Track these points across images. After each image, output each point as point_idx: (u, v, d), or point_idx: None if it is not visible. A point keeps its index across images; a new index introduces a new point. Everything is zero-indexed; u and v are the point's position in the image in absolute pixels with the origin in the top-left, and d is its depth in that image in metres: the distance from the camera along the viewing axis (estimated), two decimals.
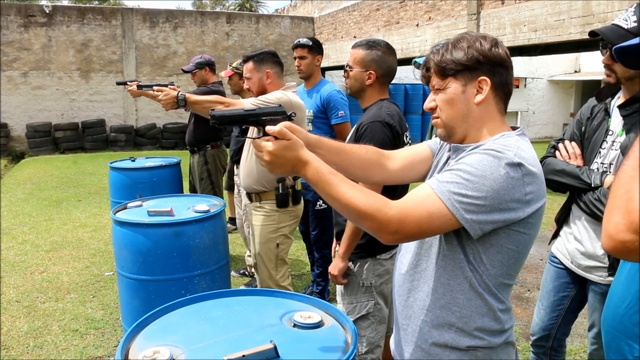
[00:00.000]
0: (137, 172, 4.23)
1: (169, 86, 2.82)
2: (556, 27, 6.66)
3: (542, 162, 1.99)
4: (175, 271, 2.46)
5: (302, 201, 2.97)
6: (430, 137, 5.16)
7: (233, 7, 34.58)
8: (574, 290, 2.07)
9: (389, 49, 2.14)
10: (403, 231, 1.12)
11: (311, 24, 14.88)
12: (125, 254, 2.52)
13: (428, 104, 1.29)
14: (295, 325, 1.29)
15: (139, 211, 2.70)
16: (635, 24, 1.64)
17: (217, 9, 29.58)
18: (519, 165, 1.12)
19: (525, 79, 15.71)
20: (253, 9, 35.17)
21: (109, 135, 12.93)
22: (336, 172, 1.16)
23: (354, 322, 1.36)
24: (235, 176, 4.25)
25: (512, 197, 1.12)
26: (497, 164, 1.12)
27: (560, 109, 16.32)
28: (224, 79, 4.05)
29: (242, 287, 3.92)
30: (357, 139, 2.04)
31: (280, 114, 1.27)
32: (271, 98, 2.63)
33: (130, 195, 3.69)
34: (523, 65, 14.85)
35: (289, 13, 19.31)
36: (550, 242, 2.23)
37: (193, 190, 4.51)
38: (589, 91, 14.97)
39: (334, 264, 2.14)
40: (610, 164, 1.88)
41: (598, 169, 1.91)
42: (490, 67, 1.20)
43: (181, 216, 2.56)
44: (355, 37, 12.07)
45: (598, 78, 13.16)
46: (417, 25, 9.65)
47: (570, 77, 15.94)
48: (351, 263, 2.14)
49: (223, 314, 1.36)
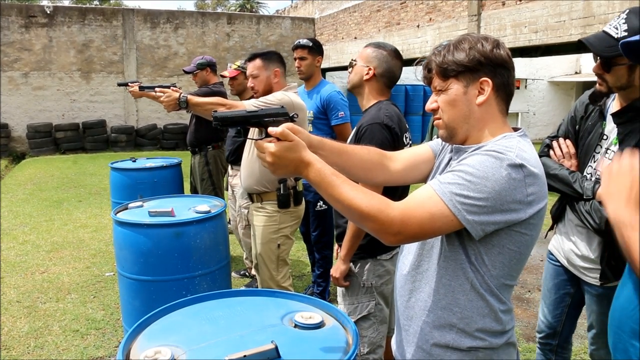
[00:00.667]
0: (138, 172, 4.24)
1: (172, 88, 2.82)
2: (557, 28, 6.65)
3: None
4: (176, 271, 2.47)
5: (303, 202, 2.97)
6: (430, 138, 5.16)
7: (234, 8, 34.61)
8: (573, 287, 2.08)
9: (395, 53, 2.18)
10: (405, 232, 1.12)
11: (312, 24, 14.88)
12: (126, 254, 2.53)
13: (430, 105, 1.29)
14: (296, 326, 1.29)
15: (139, 212, 2.70)
16: (626, 32, 1.62)
17: (219, 10, 29.61)
18: (520, 167, 1.12)
19: (526, 80, 15.70)
20: (254, 9, 35.20)
21: (109, 136, 12.95)
22: (338, 174, 1.16)
23: (355, 323, 1.36)
24: (229, 177, 4.21)
25: (513, 198, 1.12)
26: (498, 165, 1.12)
27: (561, 110, 16.29)
28: (227, 79, 4.03)
29: (242, 288, 3.92)
30: (357, 141, 2.06)
31: (283, 115, 1.27)
32: (273, 99, 2.63)
33: (131, 196, 3.69)
34: (524, 67, 14.84)
35: (290, 14, 19.36)
36: (546, 235, 2.22)
37: (194, 190, 4.51)
38: None
39: (335, 266, 2.15)
40: None
41: (591, 174, 1.89)
42: (492, 68, 1.21)
43: (182, 217, 2.56)
44: (355, 38, 12.08)
45: None
46: (418, 26, 9.64)
47: (570, 79, 15.94)
48: (352, 264, 2.14)
49: (224, 314, 1.36)
